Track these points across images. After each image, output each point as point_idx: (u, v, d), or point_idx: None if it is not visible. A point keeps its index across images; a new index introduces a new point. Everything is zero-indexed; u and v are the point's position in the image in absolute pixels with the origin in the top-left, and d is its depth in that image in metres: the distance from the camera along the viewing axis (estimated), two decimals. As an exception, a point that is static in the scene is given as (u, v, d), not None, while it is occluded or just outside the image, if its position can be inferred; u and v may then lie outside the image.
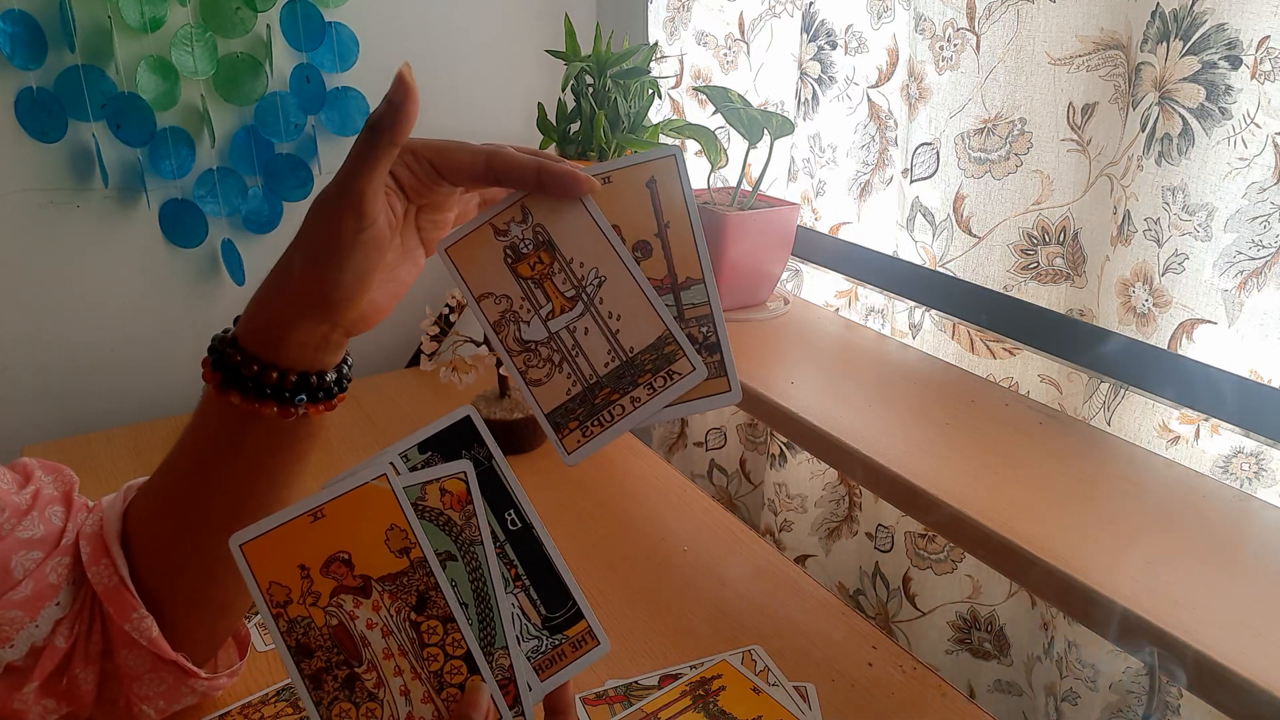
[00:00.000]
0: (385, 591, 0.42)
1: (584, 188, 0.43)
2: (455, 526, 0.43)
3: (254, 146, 1.19)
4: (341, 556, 0.42)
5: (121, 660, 0.56)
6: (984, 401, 0.76)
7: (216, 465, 0.53)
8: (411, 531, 0.42)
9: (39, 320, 1.15)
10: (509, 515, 0.43)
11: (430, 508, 0.43)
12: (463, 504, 0.43)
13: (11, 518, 0.52)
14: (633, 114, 1.09)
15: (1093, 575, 0.51)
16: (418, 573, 0.42)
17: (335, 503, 0.42)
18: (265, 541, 0.42)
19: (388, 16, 1.25)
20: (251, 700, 0.70)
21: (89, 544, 0.55)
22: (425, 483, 0.43)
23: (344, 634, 0.42)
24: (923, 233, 0.89)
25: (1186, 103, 0.64)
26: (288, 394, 0.50)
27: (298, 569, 0.42)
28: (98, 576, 0.54)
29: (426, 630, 0.42)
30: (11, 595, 0.51)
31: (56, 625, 0.53)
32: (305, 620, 0.42)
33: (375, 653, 0.43)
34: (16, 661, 0.52)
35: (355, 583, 0.42)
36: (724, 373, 0.43)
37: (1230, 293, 0.65)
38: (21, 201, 1.09)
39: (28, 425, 1.17)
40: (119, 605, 0.54)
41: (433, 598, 0.42)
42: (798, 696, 0.74)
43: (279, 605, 0.42)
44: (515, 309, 0.44)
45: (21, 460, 0.58)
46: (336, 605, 0.43)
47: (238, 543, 0.42)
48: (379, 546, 0.42)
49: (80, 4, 1.03)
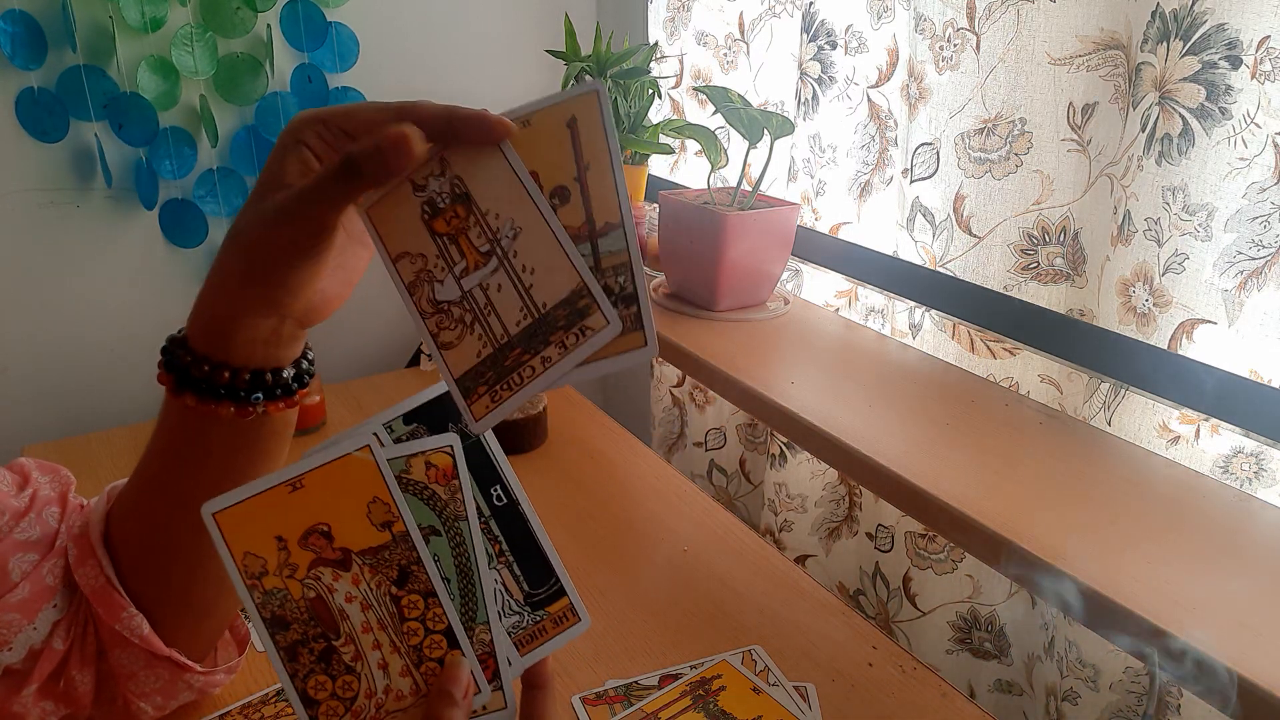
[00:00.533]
0: (366, 565, 0.41)
1: (499, 131, 0.40)
2: (440, 501, 0.42)
3: (254, 146, 1.19)
4: (321, 528, 0.41)
5: (115, 660, 0.55)
6: (984, 401, 0.76)
7: (183, 468, 0.51)
8: (395, 505, 0.41)
9: (39, 320, 1.15)
10: (495, 490, 0.43)
11: (414, 481, 0.42)
12: (448, 478, 0.42)
13: (10, 520, 0.52)
14: (633, 114, 1.09)
15: (1093, 575, 0.51)
16: (400, 547, 0.42)
17: (315, 473, 0.41)
18: (240, 511, 0.41)
19: (388, 16, 1.25)
20: (251, 700, 0.70)
21: (75, 545, 0.54)
22: (410, 455, 0.42)
23: (322, 607, 0.41)
24: (923, 233, 0.89)
25: (1186, 103, 0.64)
26: (243, 393, 0.48)
27: (274, 540, 0.41)
28: (85, 578, 0.54)
29: (407, 605, 0.42)
30: (9, 598, 0.51)
31: (54, 627, 0.53)
32: (281, 592, 0.41)
33: (354, 626, 0.42)
34: (15, 664, 0.52)
35: (335, 555, 0.41)
36: (640, 326, 0.39)
37: (1230, 293, 0.65)
38: (22, 201, 1.09)
39: (28, 425, 1.17)
40: (108, 605, 0.54)
41: (414, 572, 0.42)
42: (798, 696, 0.74)
43: (254, 577, 0.41)
44: (430, 268, 0.41)
45: (19, 461, 0.58)
46: (315, 578, 0.41)
47: (209, 511, 0.40)
48: (360, 519, 0.41)
49: (81, 4, 1.03)
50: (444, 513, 0.42)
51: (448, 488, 0.42)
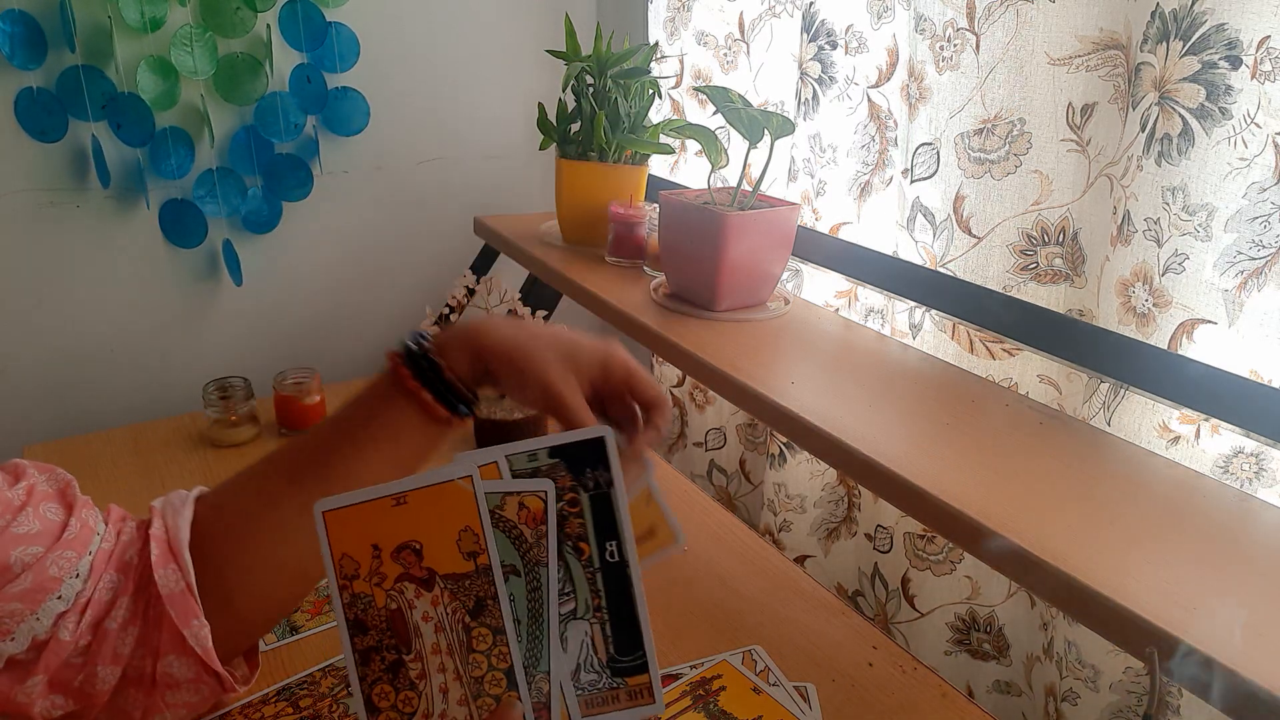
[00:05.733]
0: (447, 589, 0.43)
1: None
2: (525, 543, 0.43)
3: (254, 146, 1.19)
4: (414, 545, 0.43)
5: (163, 667, 0.56)
6: (984, 402, 0.75)
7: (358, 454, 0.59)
8: (483, 537, 0.43)
9: (39, 320, 1.15)
10: (610, 546, 0.43)
11: (506, 519, 0.43)
12: (537, 522, 0.43)
13: (5, 514, 0.53)
14: (633, 114, 1.09)
15: (1093, 575, 0.51)
16: (481, 579, 0.43)
17: (419, 492, 0.43)
18: (347, 514, 0.43)
19: (388, 16, 1.25)
20: (252, 700, 0.70)
21: (159, 546, 0.57)
22: (506, 493, 0.43)
23: (400, 620, 0.43)
24: (923, 233, 0.89)
25: (1186, 103, 0.64)
26: (455, 404, 0.60)
27: (370, 547, 0.43)
28: (165, 580, 0.56)
29: (477, 636, 0.43)
30: (10, 588, 0.51)
31: (59, 619, 0.53)
32: (367, 598, 0.43)
33: (425, 645, 0.43)
34: (19, 655, 0.53)
35: (421, 574, 0.43)
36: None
37: (1230, 293, 0.65)
38: (22, 201, 1.09)
39: (28, 425, 1.17)
40: (183, 611, 0.56)
41: (489, 606, 0.43)
42: (798, 696, 0.74)
43: (346, 578, 0.43)
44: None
45: (13, 461, 0.58)
46: (399, 591, 0.43)
47: (321, 509, 0.43)
48: (450, 544, 0.43)
49: (80, 4, 1.03)
50: (527, 555, 0.43)
51: (535, 531, 0.43)
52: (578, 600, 0.42)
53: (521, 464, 0.43)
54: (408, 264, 1.40)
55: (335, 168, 1.28)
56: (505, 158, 1.43)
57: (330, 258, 1.33)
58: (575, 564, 0.43)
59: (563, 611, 0.42)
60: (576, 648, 0.42)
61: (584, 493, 0.42)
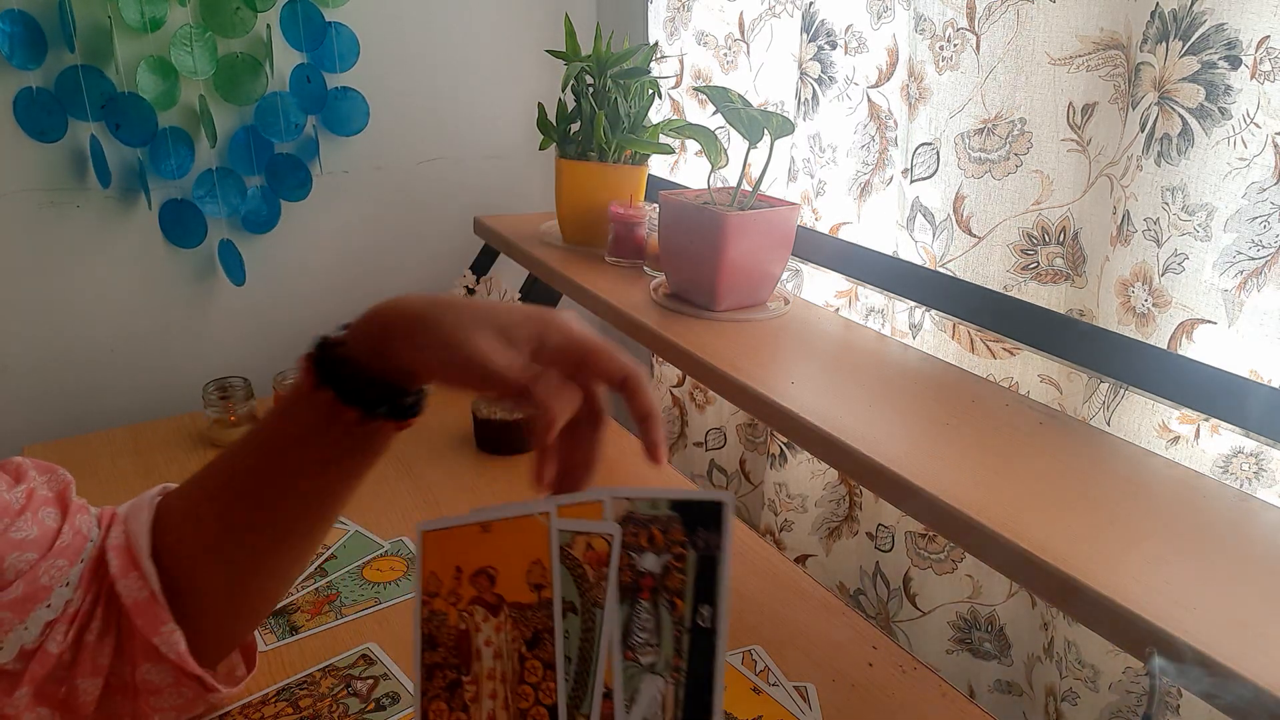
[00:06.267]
0: (510, 618, 0.44)
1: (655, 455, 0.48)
2: (586, 583, 0.43)
3: (254, 146, 1.19)
4: (490, 571, 0.45)
5: (142, 675, 0.56)
6: (984, 401, 0.75)
7: (278, 463, 0.54)
8: (550, 572, 0.43)
9: (39, 320, 1.15)
10: (704, 610, 0.41)
11: (572, 556, 0.43)
12: (600, 564, 0.43)
13: (3, 518, 0.52)
14: (633, 114, 1.09)
15: (1092, 575, 0.51)
16: (541, 612, 0.43)
17: (503, 522, 0.45)
18: (442, 535, 0.45)
19: (388, 16, 1.25)
20: (251, 700, 0.70)
21: (118, 556, 0.55)
22: (576, 532, 0.43)
23: (465, 641, 0.45)
24: (923, 233, 0.89)
25: (1186, 103, 0.64)
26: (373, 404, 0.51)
27: (454, 569, 0.45)
28: (128, 590, 0.54)
29: (529, 668, 0.43)
30: (2, 596, 0.51)
31: (47, 628, 0.53)
32: (441, 615, 0.45)
33: (482, 669, 0.44)
34: (7, 665, 0.52)
35: (492, 599, 0.45)
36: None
37: (1230, 293, 0.65)
38: (21, 201, 1.09)
39: (28, 425, 1.17)
40: (149, 619, 0.54)
41: (545, 640, 0.43)
42: (798, 696, 0.74)
43: (429, 595, 0.46)
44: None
45: (14, 460, 0.57)
46: (469, 612, 0.45)
47: (421, 529, 0.46)
48: (520, 575, 0.44)
49: (80, 4, 1.03)
50: (585, 594, 0.43)
51: (597, 573, 0.43)
52: (661, 655, 0.41)
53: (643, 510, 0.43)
54: (408, 264, 1.40)
55: (335, 168, 1.28)
56: (505, 158, 1.43)
57: (330, 258, 1.33)
58: (667, 619, 0.41)
59: (643, 661, 0.41)
60: (646, 704, 0.41)
61: (692, 550, 0.41)
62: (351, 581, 0.87)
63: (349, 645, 0.78)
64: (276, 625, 0.80)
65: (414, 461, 1.07)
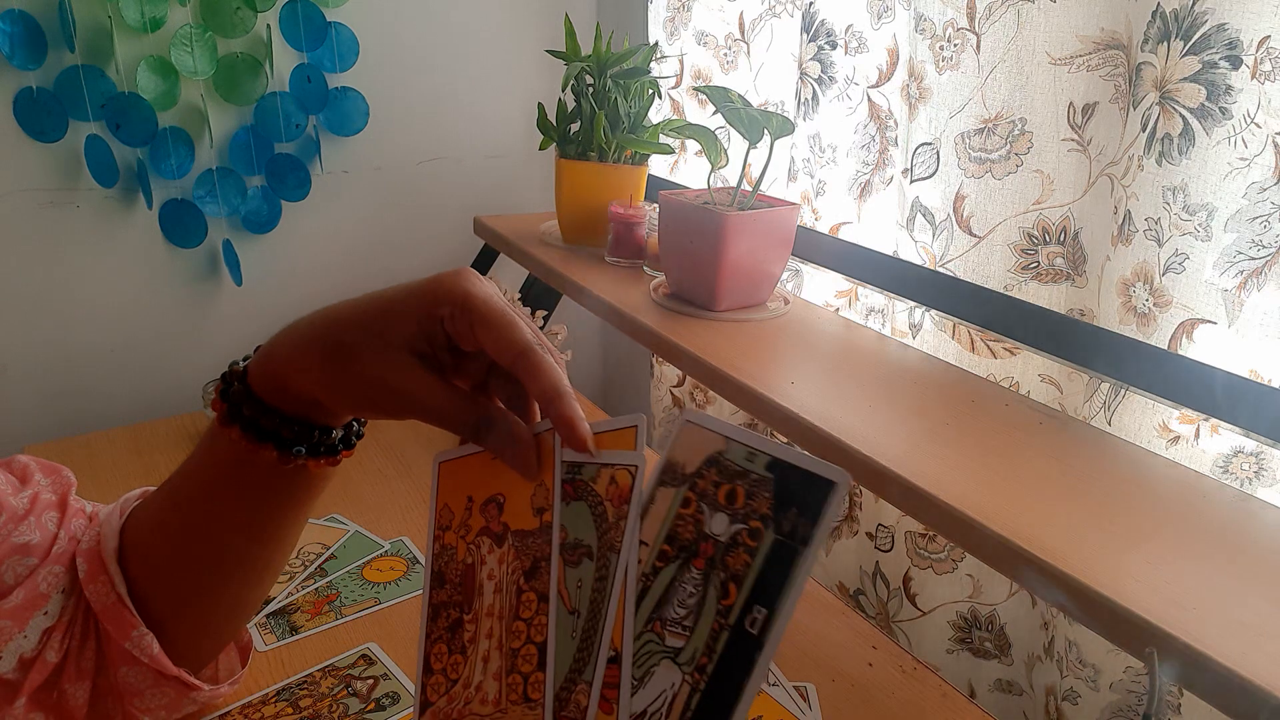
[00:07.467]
0: (513, 547, 0.40)
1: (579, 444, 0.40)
2: (605, 522, 0.37)
3: (254, 146, 1.19)
4: (498, 499, 0.41)
5: (121, 677, 0.55)
6: (984, 401, 0.75)
7: (213, 497, 0.51)
8: (552, 492, 0.39)
9: (39, 320, 1.15)
10: (759, 612, 0.32)
11: (593, 491, 0.37)
12: (621, 501, 0.36)
13: (9, 522, 0.51)
14: (633, 114, 1.09)
15: (1092, 574, 0.51)
16: (540, 537, 0.39)
17: None
18: (458, 464, 0.43)
19: (388, 16, 1.25)
20: (251, 700, 0.70)
21: (86, 561, 0.53)
22: (601, 465, 0.38)
23: (470, 577, 0.41)
24: (923, 233, 0.88)
25: (1187, 103, 0.64)
26: (288, 443, 0.47)
27: (466, 498, 0.42)
28: (95, 594, 0.53)
29: (524, 601, 0.39)
30: (2, 604, 0.50)
31: (45, 636, 0.52)
32: (451, 550, 0.43)
33: (482, 606, 0.40)
34: (7, 674, 0.51)
35: (498, 529, 0.41)
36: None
37: (1230, 293, 0.65)
38: (22, 201, 1.09)
39: (28, 425, 1.17)
40: (118, 623, 0.53)
41: (542, 569, 0.38)
42: (798, 696, 0.74)
43: (441, 528, 0.43)
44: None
45: (20, 459, 0.57)
46: (476, 545, 0.41)
47: (438, 459, 0.43)
48: (526, 500, 0.40)
49: (80, 4, 1.03)
50: (603, 535, 0.37)
51: (617, 511, 0.36)
52: (690, 644, 0.33)
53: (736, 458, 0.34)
54: (408, 264, 1.40)
55: (335, 168, 1.28)
56: (505, 158, 1.43)
57: (330, 258, 1.33)
58: (713, 603, 0.33)
59: (668, 643, 0.34)
60: (653, 693, 0.34)
61: (771, 531, 0.32)
62: (351, 581, 0.87)
63: (349, 645, 0.78)
64: (276, 625, 0.80)
65: (414, 461, 1.07)
